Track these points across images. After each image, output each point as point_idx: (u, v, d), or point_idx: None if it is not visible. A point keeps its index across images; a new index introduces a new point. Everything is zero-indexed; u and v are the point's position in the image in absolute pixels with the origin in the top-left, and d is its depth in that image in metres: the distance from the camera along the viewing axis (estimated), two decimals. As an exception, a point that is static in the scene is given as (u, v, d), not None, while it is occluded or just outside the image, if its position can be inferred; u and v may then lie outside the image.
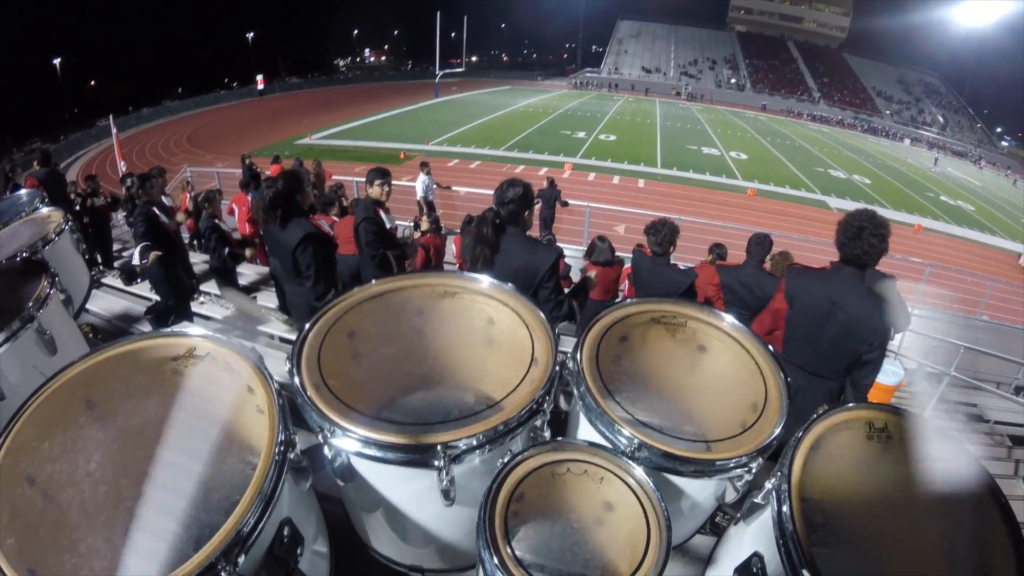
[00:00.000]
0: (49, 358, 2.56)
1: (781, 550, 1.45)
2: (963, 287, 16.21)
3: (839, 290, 3.19)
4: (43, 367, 2.51)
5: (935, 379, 8.27)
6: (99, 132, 38.84)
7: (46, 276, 2.79)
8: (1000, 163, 62.93)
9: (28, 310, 2.49)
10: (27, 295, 2.61)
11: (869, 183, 33.93)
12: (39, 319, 2.52)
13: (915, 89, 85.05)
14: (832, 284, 3.24)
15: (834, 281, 3.24)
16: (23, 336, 2.42)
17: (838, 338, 3.23)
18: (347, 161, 26.45)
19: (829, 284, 3.25)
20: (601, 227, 13.94)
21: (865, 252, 3.08)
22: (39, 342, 2.51)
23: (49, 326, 2.59)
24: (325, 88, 70.44)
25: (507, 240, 3.10)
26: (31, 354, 2.49)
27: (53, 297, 2.74)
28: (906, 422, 1.75)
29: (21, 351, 2.43)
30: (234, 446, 1.85)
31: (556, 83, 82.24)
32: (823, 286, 3.26)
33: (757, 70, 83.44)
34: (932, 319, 12.45)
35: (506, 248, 3.08)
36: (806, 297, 3.31)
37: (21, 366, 2.42)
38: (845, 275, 3.23)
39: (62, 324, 2.82)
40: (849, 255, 3.15)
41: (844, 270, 3.24)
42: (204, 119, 46.49)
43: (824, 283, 3.27)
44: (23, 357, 2.44)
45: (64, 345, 2.67)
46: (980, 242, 26.11)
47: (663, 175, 28.83)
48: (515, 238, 3.13)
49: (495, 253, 3.06)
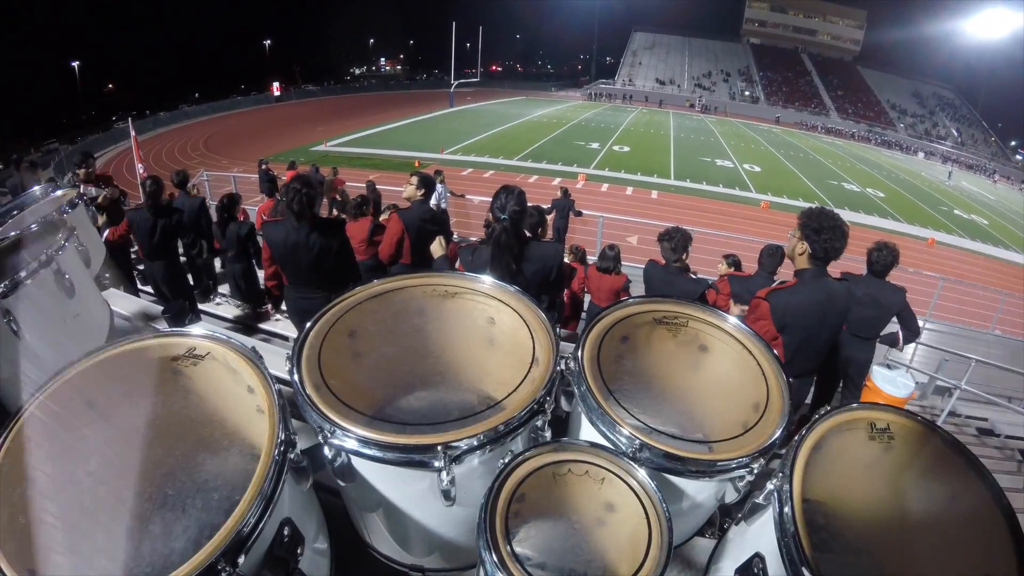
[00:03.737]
0: (68, 300, 2.63)
1: (782, 551, 1.45)
2: (976, 301, 16.12)
3: (821, 297, 3.23)
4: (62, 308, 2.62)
5: (946, 393, 8.24)
6: (116, 134, 39.23)
7: (64, 228, 2.85)
8: (1015, 176, 62.53)
9: (46, 252, 2.53)
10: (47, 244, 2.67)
11: (883, 196, 33.87)
12: (57, 261, 2.57)
13: (929, 102, 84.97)
14: (812, 294, 3.25)
15: (813, 290, 3.25)
16: (41, 276, 2.46)
17: (831, 334, 3.36)
18: (362, 168, 26.67)
19: (809, 296, 3.25)
20: (614, 237, 13.96)
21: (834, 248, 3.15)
22: (58, 283, 2.57)
23: (68, 270, 2.64)
24: (340, 96, 71.18)
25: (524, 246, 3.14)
26: (50, 294, 2.54)
27: (70, 247, 2.80)
28: (908, 422, 1.74)
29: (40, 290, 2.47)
30: (234, 446, 1.85)
31: (570, 94, 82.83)
32: (807, 302, 3.26)
33: (771, 82, 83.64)
34: (943, 332, 12.40)
35: (526, 253, 3.12)
36: (798, 319, 3.28)
37: (40, 306, 2.47)
38: (816, 279, 3.25)
39: (79, 272, 2.90)
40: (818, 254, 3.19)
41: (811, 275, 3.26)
42: (221, 124, 46.98)
43: (804, 297, 3.26)
44: (43, 297, 2.49)
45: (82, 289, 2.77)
46: (993, 256, 26.03)
47: (676, 187, 28.91)
48: (527, 243, 3.17)
49: (520, 261, 3.08)
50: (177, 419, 1.85)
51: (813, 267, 3.25)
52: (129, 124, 17.73)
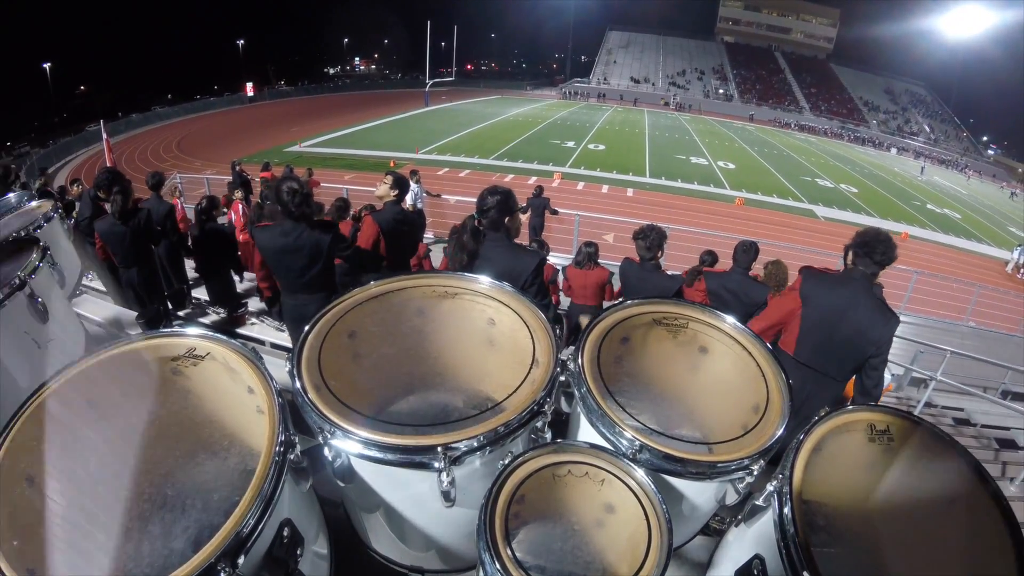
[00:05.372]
0: (41, 326, 2.60)
1: (782, 552, 1.45)
2: (949, 293, 16.39)
3: (852, 296, 3.34)
4: (35, 334, 2.57)
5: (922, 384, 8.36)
6: (88, 137, 38.61)
7: (37, 249, 2.83)
8: (986, 172, 63.60)
9: (19, 276, 2.52)
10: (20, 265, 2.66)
11: (856, 192, 34.32)
12: (31, 285, 2.55)
13: (902, 99, 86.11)
14: (845, 289, 3.39)
15: (846, 287, 3.40)
16: (14, 301, 2.44)
17: (850, 339, 3.36)
18: (336, 169, 26.48)
19: (842, 289, 3.40)
20: (590, 235, 13.94)
21: (878, 263, 3.33)
22: (31, 308, 2.54)
23: (41, 293, 2.62)
24: (315, 96, 70.47)
25: (489, 246, 3.14)
26: (23, 319, 2.52)
27: (44, 268, 2.78)
28: (908, 424, 1.76)
29: (13, 316, 2.44)
30: (234, 447, 1.84)
31: (545, 93, 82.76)
32: (837, 290, 3.42)
33: (745, 80, 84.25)
34: (918, 325, 12.58)
35: (487, 254, 3.12)
36: (822, 300, 3.45)
37: (14, 332, 2.45)
38: (857, 282, 3.39)
39: (53, 294, 2.87)
40: (863, 264, 3.37)
41: (856, 277, 3.41)
42: (193, 125, 46.36)
43: (837, 288, 3.43)
44: (16, 323, 2.46)
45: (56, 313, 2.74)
46: (967, 249, 26.49)
47: (651, 184, 29.07)
48: (497, 244, 3.17)
49: (474, 259, 3.09)
50: (177, 419, 1.84)
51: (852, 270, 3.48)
52: (101, 127, 17.47)
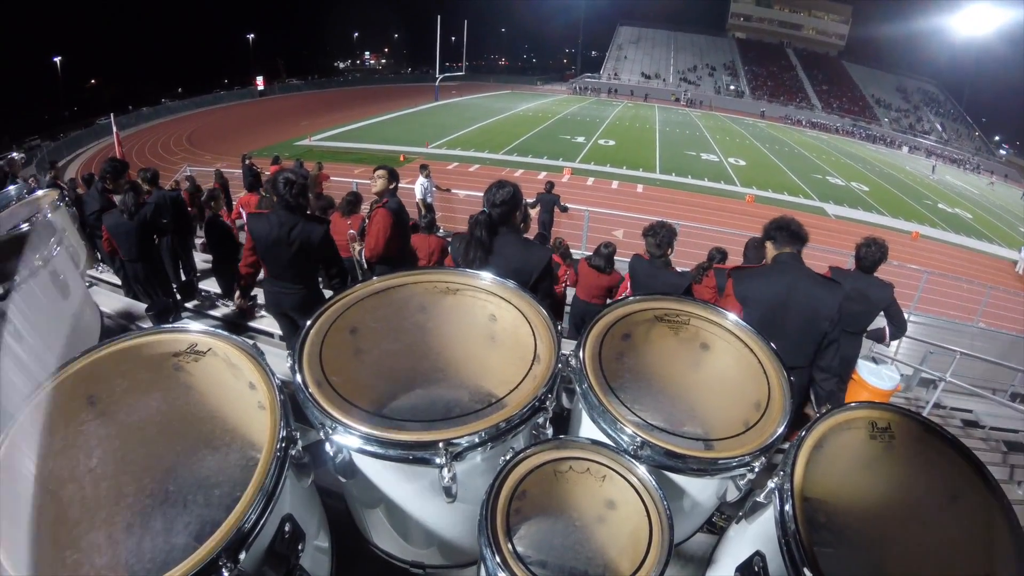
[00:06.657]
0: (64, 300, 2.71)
1: (783, 549, 1.45)
2: (960, 294, 16.27)
3: (791, 280, 3.31)
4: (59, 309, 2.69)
5: (931, 385, 8.31)
6: (98, 130, 38.69)
7: (57, 231, 2.89)
8: (997, 171, 63.10)
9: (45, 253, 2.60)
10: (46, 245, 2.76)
11: (867, 190, 34.02)
12: (54, 262, 2.64)
13: (913, 97, 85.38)
14: (782, 276, 3.35)
15: (783, 274, 3.36)
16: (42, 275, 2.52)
17: (803, 323, 3.33)
18: (347, 163, 26.45)
19: (778, 277, 3.36)
20: (600, 231, 13.97)
21: (799, 237, 3.38)
22: (55, 284, 2.64)
23: (62, 270, 2.73)
24: (325, 90, 70.42)
25: (500, 241, 3.11)
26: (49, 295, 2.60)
27: (63, 249, 2.86)
28: (909, 422, 1.75)
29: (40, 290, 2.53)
30: (236, 442, 1.84)
31: (556, 88, 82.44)
32: (772, 280, 3.37)
33: (756, 77, 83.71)
34: (928, 325, 12.51)
35: (500, 250, 3.09)
36: (760, 294, 3.38)
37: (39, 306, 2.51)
38: (788, 264, 3.37)
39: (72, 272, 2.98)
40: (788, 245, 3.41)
41: (785, 260, 3.39)
42: (203, 119, 46.40)
43: (772, 277, 3.38)
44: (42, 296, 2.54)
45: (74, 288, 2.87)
46: (978, 250, 26.19)
47: (662, 180, 28.88)
48: (508, 239, 3.14)
49: (489, 255, 3.07)
50: (179, 415, 1.84)
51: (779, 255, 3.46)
52: (111, 120, 17.54)
